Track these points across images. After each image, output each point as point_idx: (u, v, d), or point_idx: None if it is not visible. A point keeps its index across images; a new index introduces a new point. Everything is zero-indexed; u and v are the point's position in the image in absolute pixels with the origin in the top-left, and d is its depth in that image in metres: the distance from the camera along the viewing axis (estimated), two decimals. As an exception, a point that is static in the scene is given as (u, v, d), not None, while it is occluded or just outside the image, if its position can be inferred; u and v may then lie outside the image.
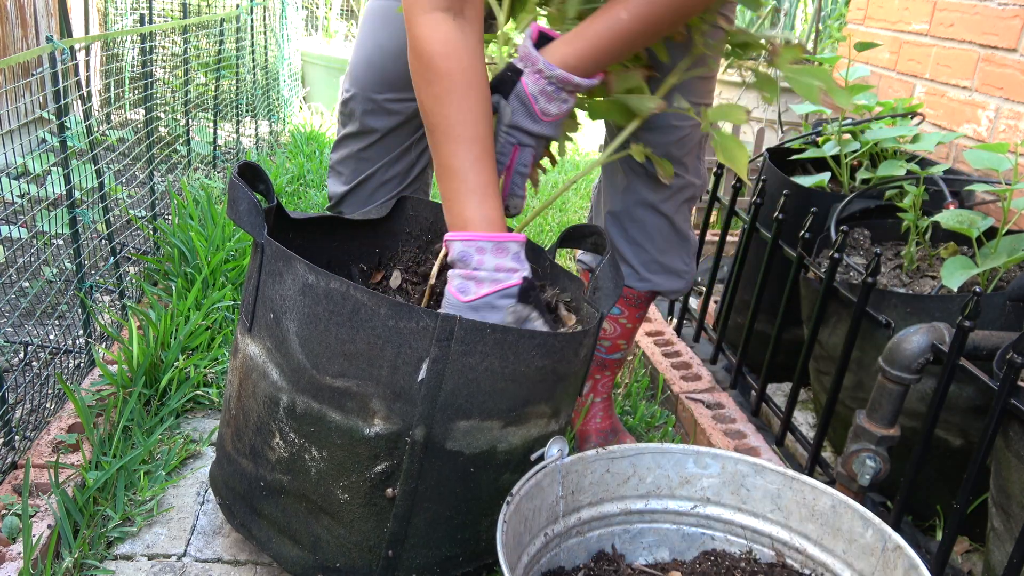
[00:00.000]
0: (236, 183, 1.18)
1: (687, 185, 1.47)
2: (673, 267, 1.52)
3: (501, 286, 1.10)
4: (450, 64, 1.11)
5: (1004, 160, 1.56)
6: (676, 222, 1.49)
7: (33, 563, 1.24)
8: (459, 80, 1.11)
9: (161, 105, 3.31)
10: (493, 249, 1.11)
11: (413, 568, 1.20)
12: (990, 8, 1.98)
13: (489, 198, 1.13)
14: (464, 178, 1.12)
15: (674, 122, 1.40)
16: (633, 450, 1.24)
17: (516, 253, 1.13)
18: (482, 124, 1.13)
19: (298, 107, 5.07)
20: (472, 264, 1.11)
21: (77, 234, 1.76)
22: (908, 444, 1.38)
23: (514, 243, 1.12)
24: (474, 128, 1.12)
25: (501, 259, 1.11)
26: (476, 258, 1.11)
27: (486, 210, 1.12)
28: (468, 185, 1.12)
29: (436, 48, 1.11)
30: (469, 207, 1.12)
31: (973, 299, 1.21)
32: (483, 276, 1.11)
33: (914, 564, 1.04)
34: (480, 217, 1.12)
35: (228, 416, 1.29)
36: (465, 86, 1.12)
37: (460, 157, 1.12)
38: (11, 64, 1.52)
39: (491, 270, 1.11)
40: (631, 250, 1.50)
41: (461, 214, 1.13)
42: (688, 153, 1.45)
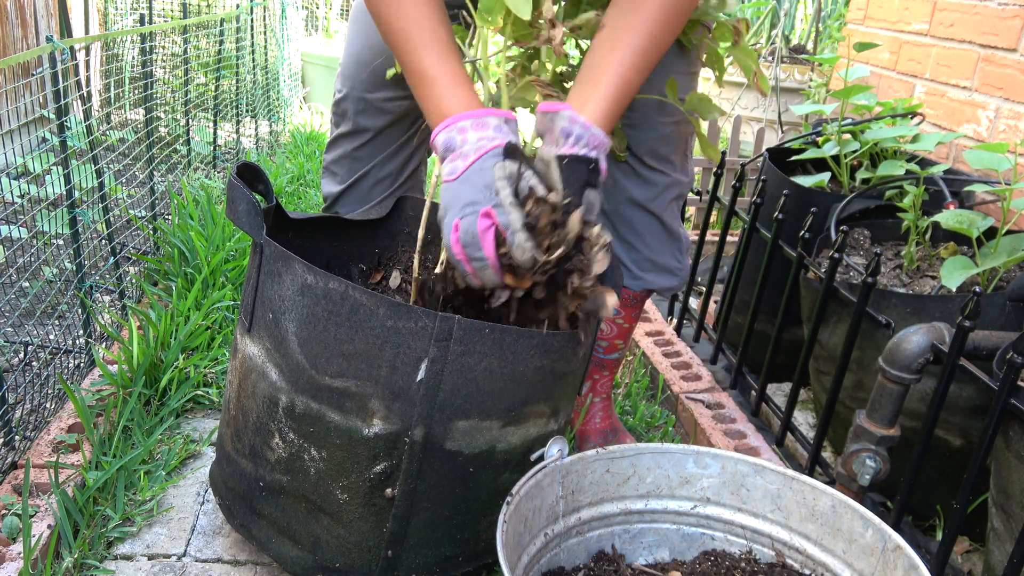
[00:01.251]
0: (235, 183, 1.18)
1: (675, 183, 1.47)
2: (665, 265, 1.52)
3: (484, 150, 1.09)
4: None
5: (1004, 160, 1.56)
6: (665, 220, 1.49)
7: (33, 563, 1.24)
8: None
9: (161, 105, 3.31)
10: (473, 125, 1.10)
11: (412, 568, 1.20)
12: (990, 8, 1.98)
13: (461, 86, 1.14)
14: (433, 77, 1.14)
15: (659, 119, 1.40)
16: (633, 450, 1.24)
17: (497, 126, 1.11)
18: (440, 27, 1.15)
19: (298, 107, 5.07)
20: (456, 146, 1.10)
21: (77, 234, 1.76)
22: (908, 444, 1.38)
23: (493, 116, 1.12)
24: (431, 31, 1.14)
25: (482, 132, 1.10)
26: (459, 138, 1.10)
27: (460, 97, 1.13)
28: (440, 82, 1.14)
29: None
30: (444, 100, 1.13)
31: (973, 299, 1.21)
32: (467, 149, 1.10)
33: (914, 564, 1.04)
34: (455, 105, 1.12)
35: (228, 416, 1.29)
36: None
37: (425, 59, 1.14)
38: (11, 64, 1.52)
39: (474, 142, 1.10)
40: (622, 249, 1.50)
41: (438, 110, 1.13)
42: (674, 151, 1.45)
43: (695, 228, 3.02)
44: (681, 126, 1.43)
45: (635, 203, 1.46)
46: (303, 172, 3.52)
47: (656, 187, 1.45)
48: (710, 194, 2.18)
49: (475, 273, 1.09)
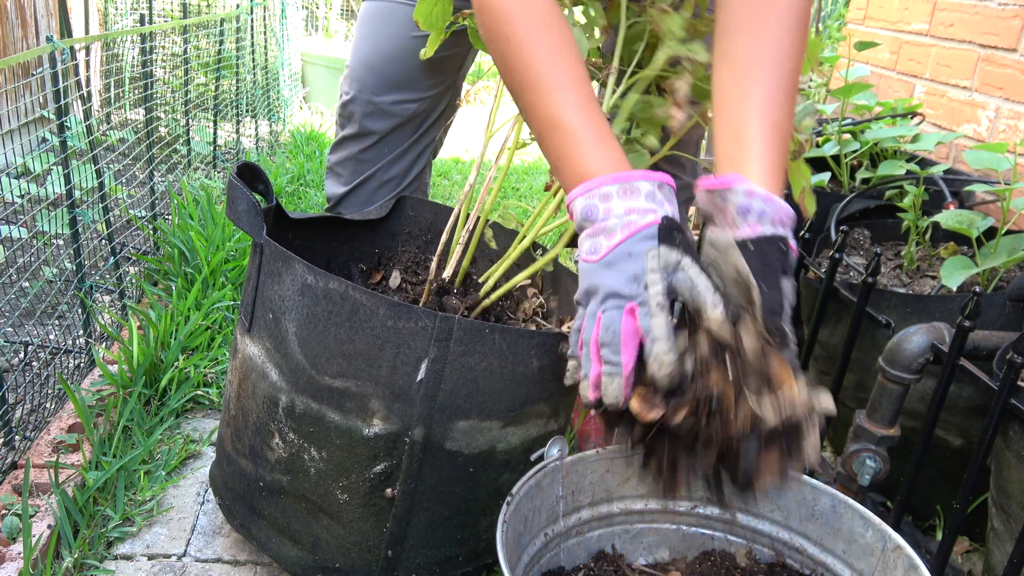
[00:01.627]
0: (235, 183, 1.18)
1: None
2: None
3: (636, 228, 0.89)
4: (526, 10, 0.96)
5: (1004, 160, 1.56)
6: None
7: (33, 563, 1.24)
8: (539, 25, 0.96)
9: (161, 105, 3.31)
10: (620, 192, 0.91)
11: (413, 568, 1.20)
12: (990, 8, 1.98)
13: (605, 141, 0.95)
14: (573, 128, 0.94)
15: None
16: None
17: (650, 192, 0.91)
18: (576, 66, 0.96)
19: (298, 107, 5.07)
20: (599, 217, 0.91)
21: (77, 234, 1.76)
22: (908, 444, 1.38)
23: (645, 181, 0.92)
24: (568, 71, 0.95)
25: (632, 200, 0.90)
26: (602, 208, 0.91)
27: (605, 154, 0.94)
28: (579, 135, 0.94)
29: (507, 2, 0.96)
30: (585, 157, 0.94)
31: (973, 299, 1.21)
32: (613, 224, 0.90)
33: (914, 564, 1.04)
34: (600, 165, 0.93)
35: (228, 416, 1.29)
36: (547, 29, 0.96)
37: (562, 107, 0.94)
38: (11, 64, 1.52)
39: (622, 215, 0.90)
40: None
41: (576, 170, 0.94)
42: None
43: (695, 228, 3.02)
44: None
45: None
46: (303, 172, 3.52)
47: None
48: (710, 194, 2.17)
49: (599, 381, 0.90)
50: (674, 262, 0.88)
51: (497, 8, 0.96)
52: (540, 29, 0.95)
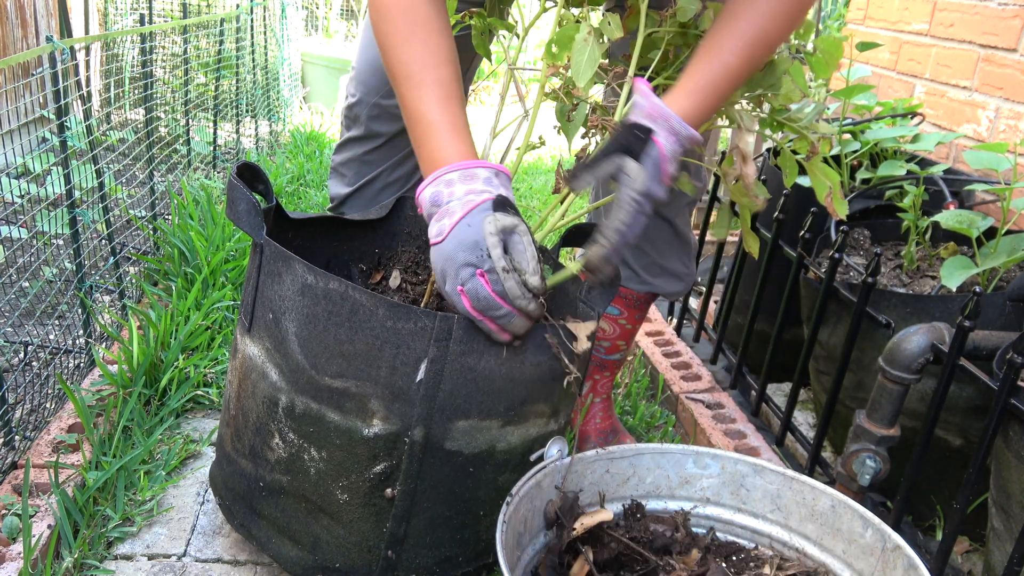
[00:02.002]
0: (235, 183, 1.18)
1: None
2: (673, 269, 1.52)
3: (473, 205, 1.01)
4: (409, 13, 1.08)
5: (1004, 160, 1.56)
6: (677, 225, 1.49)
7: (33, 563, 1.24)
8: (418, 26, 1.08)
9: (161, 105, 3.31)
10: (461, 177, 1.04)
11: (413, 568, 1.20)
12: (990, 8, 1.98)
13: (456, 134, 1.07)
14: (430, 121, 1.08)
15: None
16: (632, 450, 1.24)
17: (487, 178, 1.05)
18: (445, 67, 1.09)
19: (298, 107, 5.07)
20: (444, 200, 1.03)
21: (77, 234, 1.76)
22: (908, 444, 1.38)
23: (483, 168, 1.05)
24: (436, 71, 1.08)
25: (470, 184, 1.03)
26: (446, 192, 1.03)
27: (453, 145, 1.07)
28: (434, 127, 1.07)
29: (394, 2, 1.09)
30: (436, 147, 1.07)
31: (973, 299, 1.21)
32: (454, 206, 1.02)
33: (914, 564, 1.04)
34: (447, 154, 1.06)
35: (228, 416, 1.29)
36: (424, 32, 1.09)
37: (424, 100, 1.08)
38: (11, 64, 1.52)
39: (462, 196, 1.03)
40: (631, 253, 1.50)
41: (429, 158, 1.07)
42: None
43: (695, 228, 3.02)
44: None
45: None
46: (303, 172, 3.52)
47: (672, 193, 1.45)
48: (710, 194, 2.17)
49: (503, 328, 1.05)
50: (510, 225, 1.02)
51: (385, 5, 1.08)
52: (417, 31, 1.08)
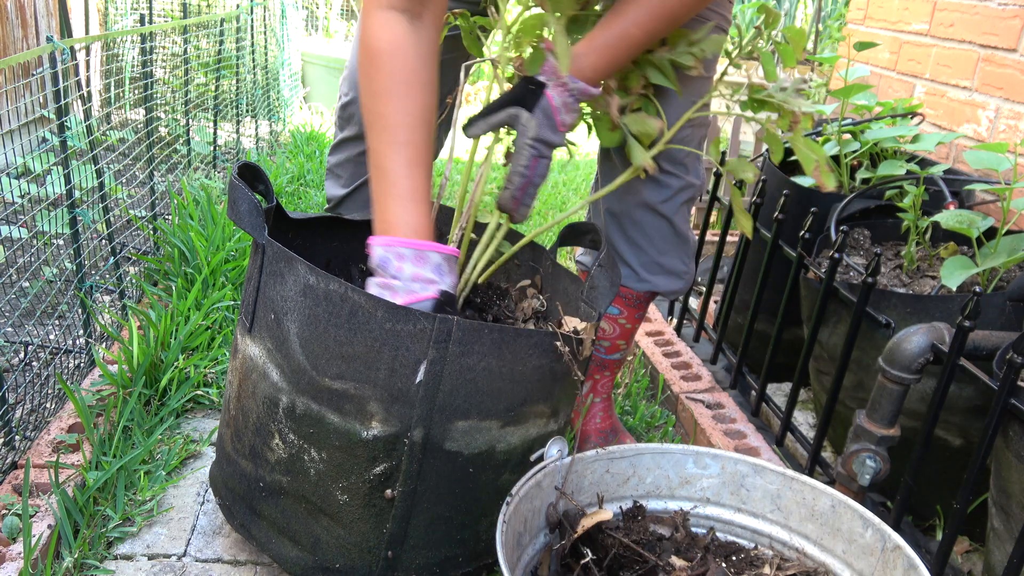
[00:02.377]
0: (236, 184, 1.18)
1: (687, 186, 1.47)
2: (672, 268, 1.52)
3: (415, 298, 1.06)
4: (395, 64, 1.08)
5: (1004, 160, 1.56)
6: (676, 223, 1.49)
7: (33, 563, 1.24)
8: (401, 81, 1.09)
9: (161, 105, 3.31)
10: (413, 257, 1.07)
11: (413, 568, 1.20)
12: (990, 8, 1.98)
13: (417, 204, 1.09)
14: (394, 181, 1.09)
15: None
16: (632, 450, 1.24)
17: (438, 265, 1.08)
18: (420, 129, 1.11)
19: (298, 107, 5.07)
20: (391, 271, 1.07)
21: (77, 234, 1.76)
22: (908, 444, 1.38)
23: (436, 253, 1.08)
24: (410, 132, 1.09)
25: (420, 268, 1.07)
26: (395, 265, 1.07)
27: (412, 216, 1.09)
28: (397, 189, 1.09)
29: (383, 46, 1.08)
30: (395, 212, 1.09)
31: (973, 299, 1.21)
32: (398, 286, 1.07)
33: (914, 564, 1.04)
34: (404, 223, 1.08)
35: (228, 416, 1.29)
36: (406, 87, 1.09)
37: (392, 159, 1.09)
38: (11, 64, 1.52)
39: (408, 279, 1.07)
40: (630, 251, 1.50)
41: (385, 218, 1.09)
42: (688, 154, 1.45)
43: (695, 228, 3.03)
44: (697, 129, 1.44)
45: (648, 206, 1.46)
46: (303, 172, 3.52)
47: (669, 189, 1.46)
48: (710, 194, 2.18)
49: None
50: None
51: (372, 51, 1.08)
52: (402, 88, 1.08)
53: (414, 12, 1.10)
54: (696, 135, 1.44)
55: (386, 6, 1.09)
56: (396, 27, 1.09)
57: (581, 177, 4.02)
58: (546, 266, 1.44)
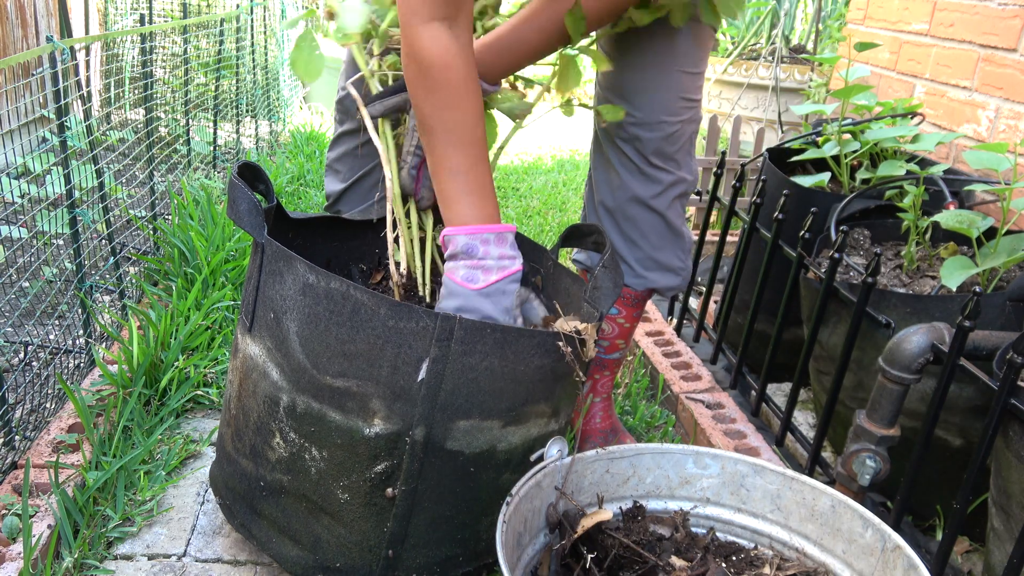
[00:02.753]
0: (236, 183, 1.18)
1: (679, 181, 1.47)
2: (669, 264, 1.53)
3: (508, 272, 1.18)
4: (450, 75, 1.16)
5: (1004, 160, 1.56)
6: (669, 218, 1.49)
7: (33, 563, 1.24)
8: (458, 89, 1.17)
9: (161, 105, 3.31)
10: (496, 240, 1.19)
11: (413, 568, 1.20)
12: (990, 8, 1.98)
13: (487, 197, 1.21)
14: (465, 179, 1.19)
15: (664, 118, 1.40)
16: (632, 450, 1.24)
17: (512, 242, 1.21)
18: (478, 128, 1.20)
19: (298, 107, 5.07)
20: (479, 255, 1.18)
21: (77, 234, 1.76)
22: (908, 444, 1.38)
23: (510, 233, 1.22)
24: (472, 132, 1.19)
25: (503, 248, 1.19)
26: (482, 249, 1.17)
27: (487, 208, 1.21)
28: (469, 185, 1.19)
29: (436, 59, 1.15)
30: (471, 205, 1.20)
31: (973, 299, 1.21)
32: (491, 264, 1.18)
33: (914, 564, 1.04)
34: (481, 215, 1.20)
35: (228, 416, 1.29)
36: (463, 94, 1.18)
37: (460, 160, 1.19)
38: (11, 64, 1.52)
39: (496, 258, 1.18)
40: (626, 247, 1.50)
41: (463, 212, 1.20)
42: (679, 149, 1.45)
43: (695, 228, 3.03)
44: (687, 125, 1.44)
45: (639, 201, 1.46)
46: (303, 172, 3.52)
47: (660, 185, 1.46)
48: (710, 194, 2.18)
49: None
50: (527, 297, 1.31)
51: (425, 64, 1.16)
52: (460, 94, 1.18)
53: (452, 18, 1.16)
54: (687, 130, 1.45)
55: (427, 18, 1.14)
56: (441, 37, 1.15)
57: (581, 177, 4.02)
58: (547, 266, 1.44)
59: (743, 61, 3.54)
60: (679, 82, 1.40)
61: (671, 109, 1.40)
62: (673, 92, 1.40)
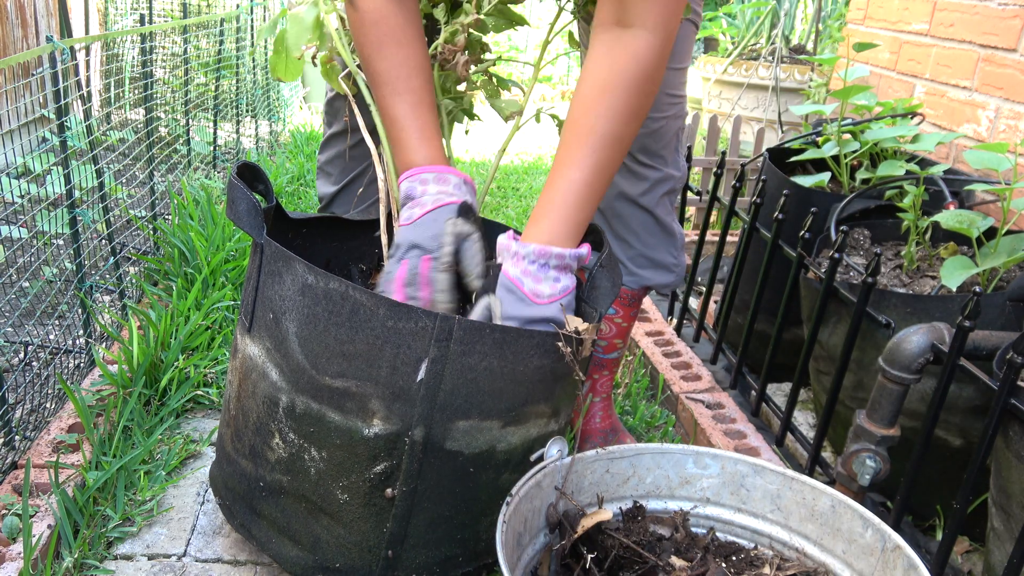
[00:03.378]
0: (235, 183, 1.18)
1: (666, 178, 1.48)
2: (661, 261, 1.53)
3: (441, 203, 1.18)
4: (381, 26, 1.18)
5: (1004, 160, 1.56)
6: (659, 215, 1.49)
7: (33, 563, 1.24)
8: (390, 39, 1.19)
9: (161, 105, 3.31)
10: (435, 179, 1.19)
11: (413, 568, 1.20)
12: (990, 8, 1.98)
13: (428, 139, 1.21)
14: (404, 126, 1.21)
15: (650, 114, 1.41)
16: (632, 450, 1.24)
17: (457, 184, 1.21)
18: (415, 77, 1.21)
19: (298, 107, 5.07)
20: (417, 194, 1.19)
21: (77, 234, 1.76)
22: (908, 444, 1.38)
23: (454, 175, 1.21)
24: (408, 80, 1.20)
25: (443, 186, 1.19)
26: (420, 188, 1.19)
27: (426, 149, 1.21)
28: (408, 132, 1.21)
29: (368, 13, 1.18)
30: (411, 149, 1.21)
31: (973, 299, 1.21)
32: (427, 199, 1.19)
33: (914, 564, 1.04)
34: (422, 157, 1.20)
35: (228, 416, 1.29)
36: (396, 44, 1.19)
37: (398, 108, 1.21)
38: (11, 64, 1.52)
39: (434, 195, 1.19)
40: (617, 245, 1.50)
41: (405, 157, 1.22)
42: (665, 146, 1.45)
43: (695, 228, 3.03)
44: (672, 121, 1.44)
45: (627, 198, 1.46)
46: (303, 172, 3.52)
47: (647, 182, 1.46)
48: (710, 194, 2.18)
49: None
50: (466, 232, 1.18)
51: (360, 19, 1.18)
52: (389, 42, 1.19)
53: None
54: (672, 126, 1.45)
55: None
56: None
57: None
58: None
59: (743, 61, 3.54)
60: (664, 78, 1.40)
61: (656, 105, 1.40)
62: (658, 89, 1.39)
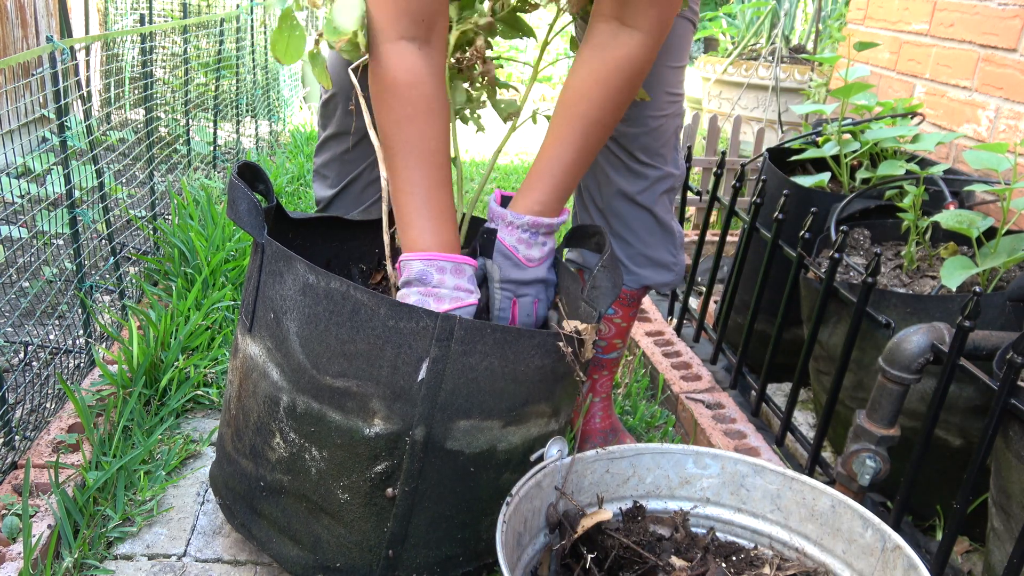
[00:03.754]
0: (236, 183, 1.18)
1: (666, 176, 1.48)
2: (660, 260, 1.53)
3: (462, 303, 1.15)
4: (413, 92, 1.13)
5: (1004, 160, 1.56)
6: (657, 213, 1.49)
7: (33, 563, 1.24)
8: (422, 107, 1.13)
9: (161, 105, 3.31)
10: (453, 269, 1.15)
11: (413, 568, 1.20)
12: (990, 8, 1.98)
13: (447, 223, 1.17)
14: (423, 202, 1.15)
15: (649, 113, 1.41)
16: (632, 450, 1.24)
17: (471, 276, 1.18)
18: (441, 151, 1.16)
19: (298, 107, 5.07)
20: (433, 283, 1.14)
21: (77, 234, 1.76)
22: (908, 444, 1.38)
23: (470, 266, 1.18)
24: (433, 155, 1.15)
25: (460, 279, 1.16)
26: (436, 277, 1.14)
27: (445, 235, 1.16)
28: (428, 210, 1.16)
29: (400, 77, 1.12)
30: (428, 230, 1.16)
31: (973, 299, 1.21)
32: (444, 293, 1.14)
33: (913, 564, 1.04)
34: (439, 241, 1.16)
35: (228, 416, 1.29)
36: (427, 113, 1.14)
37: (420, 182, 1.15)
38: (11, 64, 1.52)
39: (452, 288, 1.14)
40: (616, 244, 1.50)
41: (419, 237, 1.16)
42: (664, 144, 1.45)
43: (695, 228, 3.03)
44: (671, 119, 1.45)
45: (626, 197, 1.47)
46: (303, 172, 3.52)
47: (646, 180, 1.46)
48: (710, 194, 2.18)
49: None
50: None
51: (389, 82, 1.12)
52: (424, 113, 1.13)
53: (423, 39, 1.13)
54: (671, 125, 1.45)
55: (395, 38, 1.11)
56: (409, 56, 1.12)
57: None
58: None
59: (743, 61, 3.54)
60: (662, 77, 1.40)
61: (655, 104, 1.40)
62: (657, 87, 1.39)
